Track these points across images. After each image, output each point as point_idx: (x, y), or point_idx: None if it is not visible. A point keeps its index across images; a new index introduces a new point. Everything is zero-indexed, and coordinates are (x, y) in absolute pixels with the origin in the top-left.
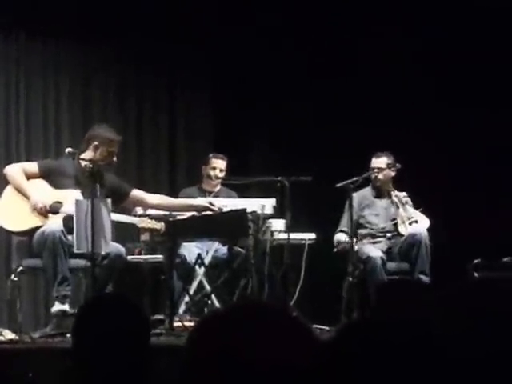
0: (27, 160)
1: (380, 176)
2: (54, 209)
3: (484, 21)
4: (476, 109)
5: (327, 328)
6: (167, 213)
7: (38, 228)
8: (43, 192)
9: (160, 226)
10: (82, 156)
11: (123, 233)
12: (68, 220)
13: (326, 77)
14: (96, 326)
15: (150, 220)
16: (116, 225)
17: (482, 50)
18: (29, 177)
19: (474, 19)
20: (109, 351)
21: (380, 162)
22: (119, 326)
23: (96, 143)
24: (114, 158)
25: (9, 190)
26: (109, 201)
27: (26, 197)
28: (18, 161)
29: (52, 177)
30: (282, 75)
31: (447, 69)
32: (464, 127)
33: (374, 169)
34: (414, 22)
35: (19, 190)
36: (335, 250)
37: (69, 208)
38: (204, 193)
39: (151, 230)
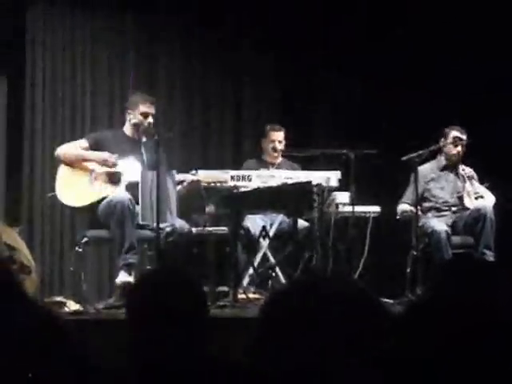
0: (92, 130)
1: (462, 149)
2: (115, 178)
3: None
4: None
5: (391, 301)
6: (231, 183)
7: (102, 200)
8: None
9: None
10: (124, 128)
11: (188, 205)
12: (130, 188)
13: (391, 50)
14: (150, 299)
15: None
16: (181, 197)
17: None
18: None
19: None
20: (163, 324)
21: (462, 136)
22: (174, 300)
23: (129, 111)
24: (149, 120)
25: (62, 170)
26: (174, 172)
27: (90, 162)
28: (84, 132)
29: (103, 148)
30: (347, 47)
31: None
32: None
33: (454, 143)
34: None
35: (79, 162)
36: (398, 217)
37: (130, 176)
38: (266, 165)
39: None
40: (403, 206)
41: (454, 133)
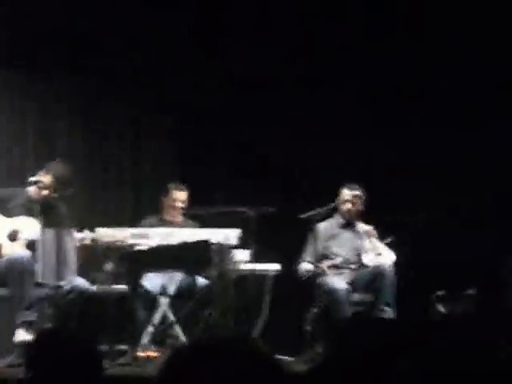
0: None
1: (352, 207)
2: (13, 236)
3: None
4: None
5: (291, 359)
6: (130, 241)
7: None
8: None
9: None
10: (28, 188)
11: (87, 262)
12: (29, 246)
13: (287, 108)
14: (47, 359)
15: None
16: (80, 254)
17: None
18: None
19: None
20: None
21: (352, 193)
22: (69, 360)
23: (42, 174)
24: (56, 195)
25: None
26: (73, 231)
27: None
28: None
29: (3, 206)
30: (245, 104)
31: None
32: (431, 156)
33: (345, 200)
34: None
35: None
36: (301, 276)
37: (28, 234)
38: (165, 223)
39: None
40: (306, 266)
41: (344, 191)
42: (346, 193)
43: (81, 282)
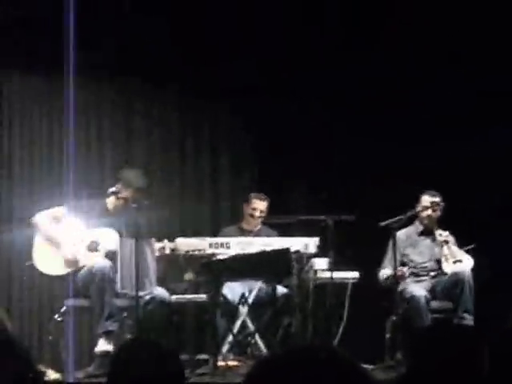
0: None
1: (433, 214)
2: (93, 247)
3: None
4: None
5: (371, 367)
6: (210, 251)
7: (81, 268)
8: (77, 235)
9: None
10: (106, 200)
11: (167, 272)
12: (109, 256)
13: (365, 115)
14: (130, 370)
15: None
16: (159, 264)
17: None
18: (60, 221)
19: None
20: None
21: (432, 200)
22: (153, 371)
23: (120, 186)
24: (135, 205)
25: (40, 238)
26: (153, 240)
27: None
28: (62, 198)
29: (82, 217)
30: (322, 114)
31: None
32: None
33: (425, 207)
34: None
35: (50, 239)
36: (382, 283)
37: (108, 244)
38: (244, 232)
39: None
40: (386, 271)
41: (425, 197)
42: (427, 199)
43: (161, 292)
